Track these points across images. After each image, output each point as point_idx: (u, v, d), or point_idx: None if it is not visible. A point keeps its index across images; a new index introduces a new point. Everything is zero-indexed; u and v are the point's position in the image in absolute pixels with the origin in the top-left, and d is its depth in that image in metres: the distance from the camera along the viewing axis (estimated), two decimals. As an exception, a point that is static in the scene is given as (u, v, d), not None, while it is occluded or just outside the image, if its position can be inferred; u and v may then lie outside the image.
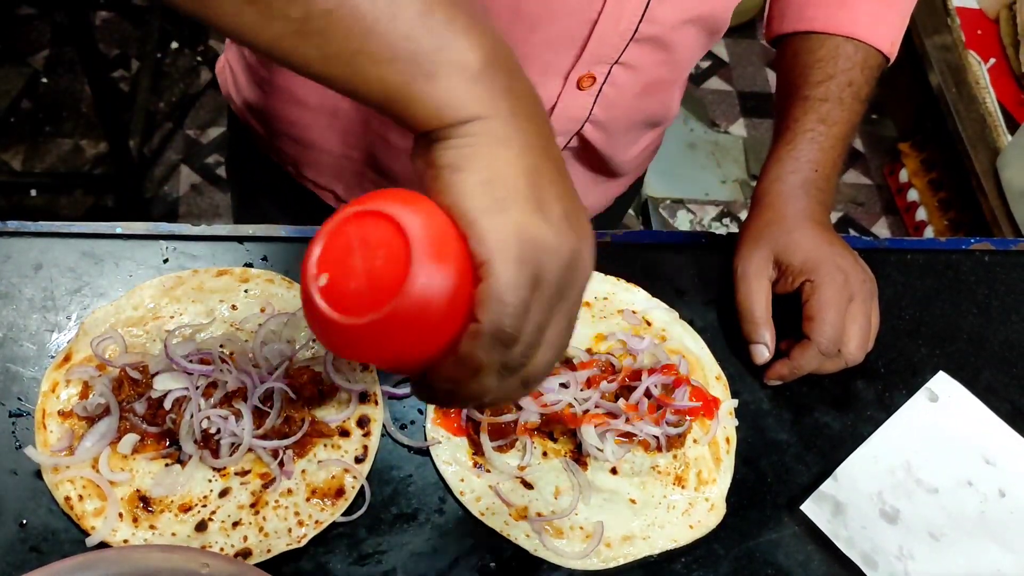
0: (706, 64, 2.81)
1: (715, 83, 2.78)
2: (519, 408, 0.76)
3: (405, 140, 0.91)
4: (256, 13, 0.47)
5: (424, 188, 0.47)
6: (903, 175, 2.54)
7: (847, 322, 0.81)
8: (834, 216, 2.57)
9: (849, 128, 0.90)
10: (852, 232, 2.53)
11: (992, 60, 2.25)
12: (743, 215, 0.90)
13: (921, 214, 2.44)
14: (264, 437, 0.73)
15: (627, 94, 0.88)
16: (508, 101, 0.47)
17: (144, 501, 0.71)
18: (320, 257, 0.45)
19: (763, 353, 0.83)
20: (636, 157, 1.05)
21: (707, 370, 0.84)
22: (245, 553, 0.69)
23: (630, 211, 2.47)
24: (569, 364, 0.81)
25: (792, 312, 0.83)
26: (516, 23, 0.78)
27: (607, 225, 1.16)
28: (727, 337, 0.87)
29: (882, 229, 2.57)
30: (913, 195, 2.48)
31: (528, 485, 0.76)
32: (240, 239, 0.86)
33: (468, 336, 0.45)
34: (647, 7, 0.78)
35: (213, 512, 0.71)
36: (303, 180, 1.02)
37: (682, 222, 2.44)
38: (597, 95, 0.86)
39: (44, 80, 2.49)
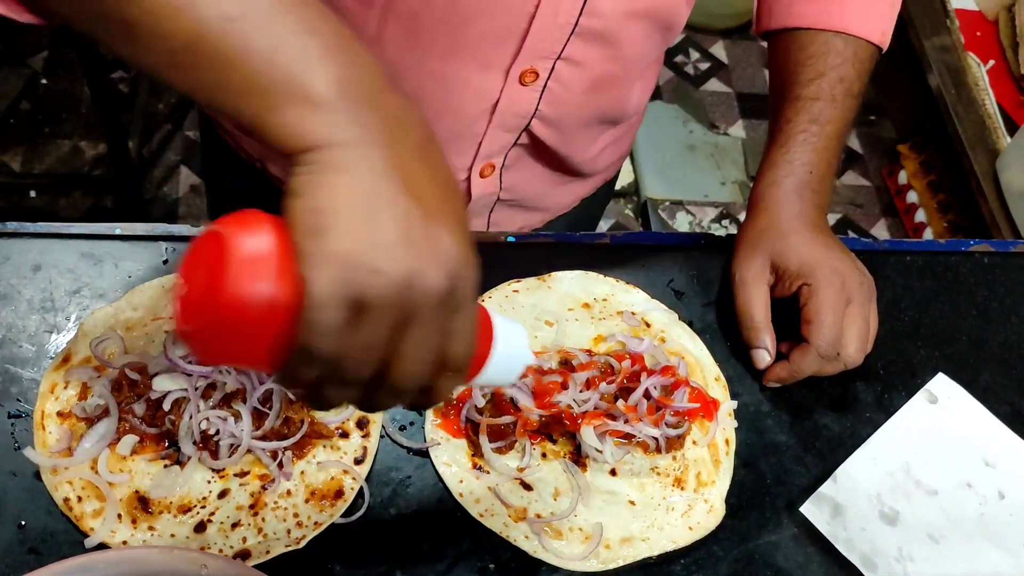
0: (705, 66, 2.81)
1: (714, 85, 2.78)
2: (517, 409, 0.76)
3: None
4: (131, 44, 0.50)
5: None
6: (902, 177, 2.54)
7: (845, 325, 0.81)
8: (833, 217, 2.57)
9: (842, 125, 0.89)
10: (851, 234, 2.53)
11: (991, 62, 2.25)
12: (742, 216, 0.90)
13: (920, 216, 2.44)
14: (263, 438, 0.73)
15: (574, 90, 0.87)
16: (353, 128, 0.48)
17: (143, 502, 0.71)
18: (182, 269, 0.49)
19: (764, 358, 0.83)
20: (597, 156, 1.03)
21: (706, 372, 0.84)
22: (244, 554, 0.69)
23: (629, 212, 2.48)
24: (568, 365, 0.81)
25: (791, 314, 0.83)
26: (452, 16, 0.78)
27: (579, 227, 1.15)
28: (726, 339, 0.87)
29: (881, 231, 2.57)
30: (912, 197, 2.48)
31: (527, 487, 0.76)
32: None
33: (288, 351, 0.47)
34: (585, 1, 0.77)
35: (212, 513, 0.71)
36: (270, 176, 1.02)
37: (681, 223, 2.44)
38: (542, 91, 0.85)
39: (44, 81, 2.49)
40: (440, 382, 0.52)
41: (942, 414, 0.84)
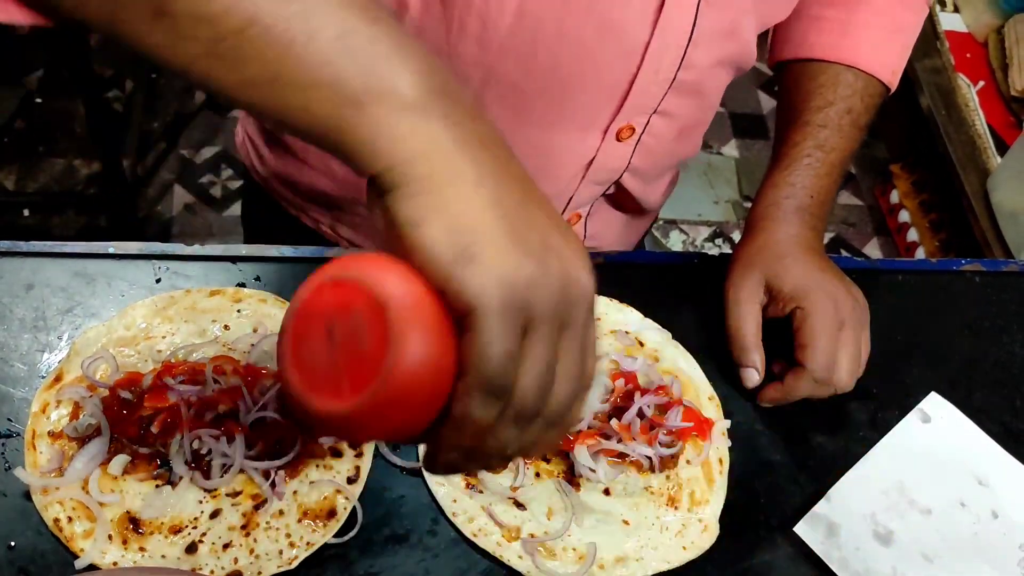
0: (698, 86, 2.83)
1: (707, 105, 2.79)
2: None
3: None
4: (164, 32, 0.43)
5: (390, 246, 0.43)
6: (894, 196, 2.55)
7: (838, 350, 0.81)
8: (826, 236, 2.57)
9: (846, 155, 0.90)
10: (844, 253, 2.54)
11: (981, 83, 2.27)
12: (736, 236, 0.91)
13: (912, 235, 2.45)
14: (256, 458, 0.72)
15: (664, 140, 0.88)
16: (451, 130, 0.43)
17: (134, 523, 0.70)
18: (292, 338, 0.41)
19: (753, 377, 0.83)
20: (664, 193, 1.06)
21: (700, 391, 0.84)
22: (236, 575, 0.69)
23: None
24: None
25: (784, 333, 0.83)
26: (554, 82, 0.78)
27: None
28: (720, 358, 0.87)
29: (874, 250, 2.58)
30: (904, 216, 2.50)
31: (521, 506, 0.75)
32: (233, 259, 0.86)
33: (458, 397, 0.42)
34: (684, 55, 0.78)
35: (204, 534, 0.70)
36: (339, 240, 1.01)
37: (675, 242, 2.44)
38: (635, 144, 0.86)
39: (38, 100, 2.49)
40: (575, 406, 0.46)
41: (935, 433, 0.84)
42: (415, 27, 0.74)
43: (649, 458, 0.77)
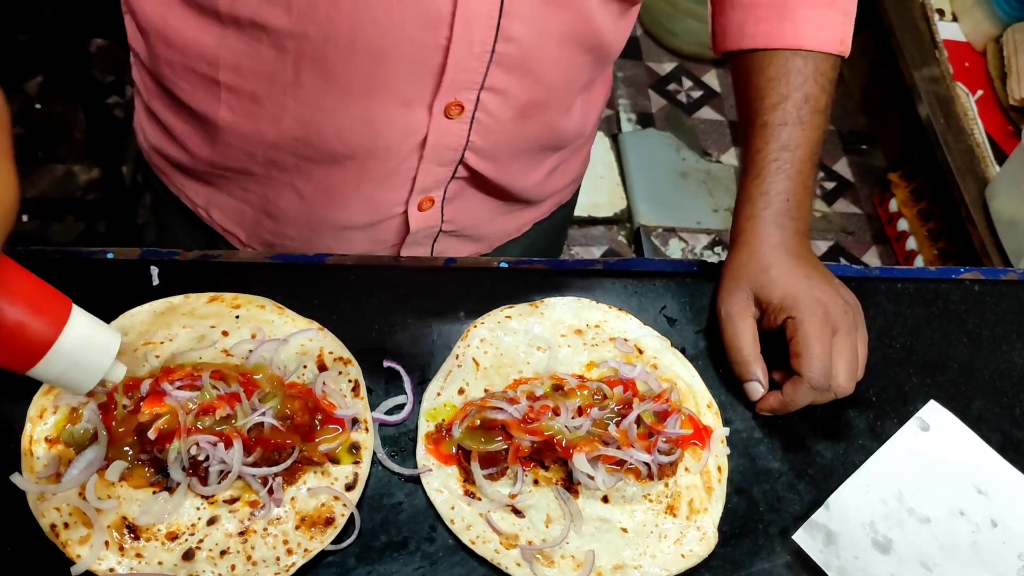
0: (697, 94, 2.84)
1: (707, 113, 2.80)
2: (509, 436, 0.76)
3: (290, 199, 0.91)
4: None
5: None
6: (893, 205, 2.55)
7: (834, 355, 0.81)
8: (824, 244, 2.58)
9: (814, 144, 0.89)
10: (843, 261, 2.54)
11: (979, 92, 2.27)
12: (735, 243, 0.90)
13: (911, 243, 2.45)
14: (254, 464, 0.72)
15: (502, 119, 0.86)
16: None
17: (131, 529, 0.70)
18: None
19: (757, 390, 0.83)
20: (544, 182, 1.02)
21: (699, 398, 0.84)
22: (232, 582, 0.68)
23: (621, 239, 2.48)
24: (561, 391, 0.80)
25: (781, 341, 0.83)
26: (360, 56, 0.77)
27: (542, 252, 1.15)
28: (719, 365, 0.87)
29: (872, 258, 2.58)
30: (903, 224, 2.50)
31: (519, 513, 0.75)
32: (231, 265, 0.86)
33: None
34: (499, 26, 0.76)
35: (201, 540, 0.70)
36: (213, 224, 1.01)
37: (674, 250, 2.45)
38: (471, 123, 0.85)
39: (38, 106, 2.49)
40: None
41: (934, 442, 0.84)
42: (226, 1, 0.76)
43: (648, 465, 0.77)
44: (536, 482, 0.77)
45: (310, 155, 0.87)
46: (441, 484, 0.76)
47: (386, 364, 0.82)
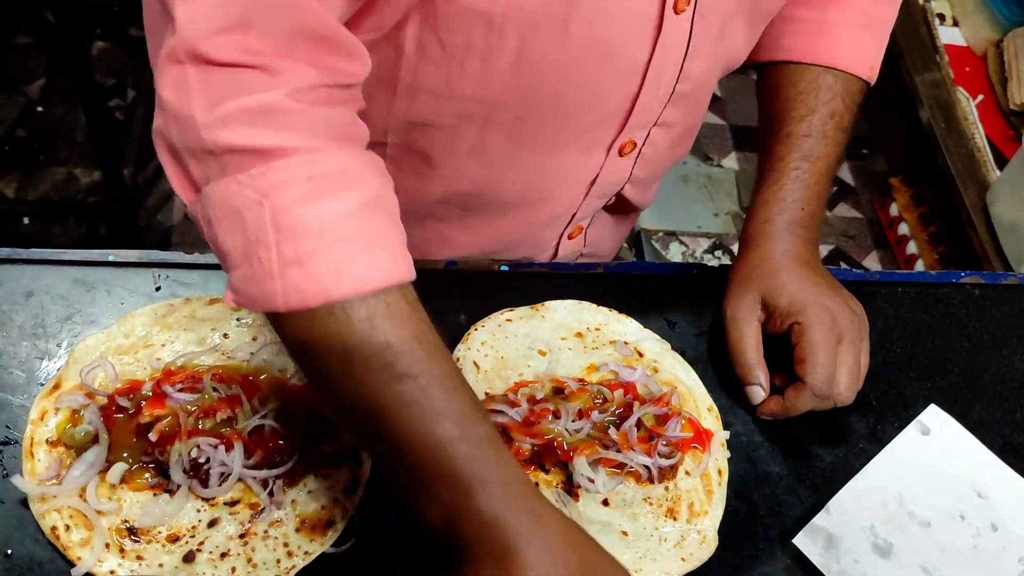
0: (698, 98, 2.84)
1: (708, 117, 2.77)
2: (510, 439, 0.76)
3: None
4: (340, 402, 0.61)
5: None
6: (893, 209, 2.55)
7: (837, 363, 0.81)
8: (825, 249, 2.58)
9: (833, 161, 0.90)
10: (843, 265, 2.54)
11: (980, 96, 2.27)
12: (735, 247, 0.90)
13: (912, 248, 2.45)
14: (254, 467, 0.72)
15: (661, 149, 0.89)
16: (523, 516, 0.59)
17: (131, 531, 0.70)
18: None
19: (759, 393, 0.83)
20: (655, 190, 1.06)
21: (699, 401, 0.84)
22: (233, 584, 0.68)
23: (623, 243, 2.49)
24: (561, 394, 0.80)
25: (784, 347, 0.83)
26: (558, 111, 0.78)
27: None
28: (719, 369, 0.87)
29: (873, 262, 2.58)
30: (904, 229, 2.50)
31: (519, 517, 0.75)
32: (233, 268, 0.86)
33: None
34: (682, 68, 0.78)
35: (201, 543, 0.70)
36: None
37: (675, 254, 2.45)
38: (636, 158, 0.87)
39: (39, 109, 2.49)
40: None
41: (934, 445, 0.84)
42: (411, 70, 0.74)
43: (648, 469, 0.77)
44: (536, 485, 0.77)
45: (476, 207, 0.88)
46: (441, 487, 0.76)
47: (387, 367, 0.82)
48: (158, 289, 0.83)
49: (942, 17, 2.45)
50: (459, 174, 0.84)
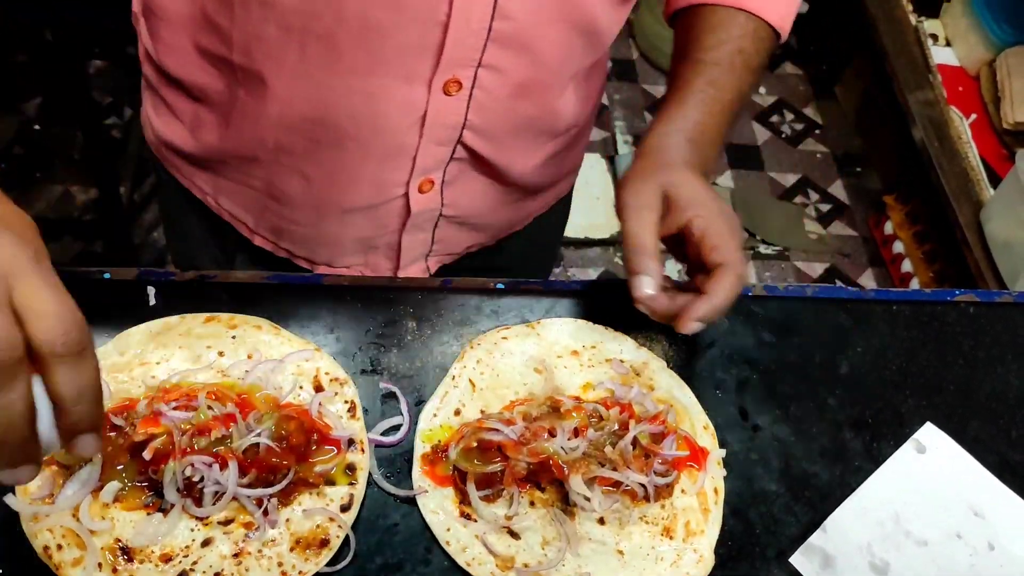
0: (693, 117, 2.85)
1: (702, 135, 2.81)
2: (506, 457, 0.76)
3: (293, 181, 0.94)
4: None
5: None
6: (888, 227, 2.56)
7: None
8: (820, 267, 2.59)
9: (737, 96, 0.91)
10: (838, 283, 2.54)
11: (973, 116, 2.29)
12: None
13: (907, 266, 2.46)
14: (249, 485, 0.72)
15: (499, 96, 0.88)
16: None
17: (124, 551, 0.69)
18: None
19: (647, 284, 0.80)
20: (539, 170, 1.03)
21: (695, 419, 0.84)
22: (226, 604, 0.68)
23: (618, 260, 2.49)
24: (557, 413, 0.80)
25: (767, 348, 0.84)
26: (366, 32, 0.80)
27: (542, 249, 1.17)
28: (715, 387, 0.87)
29: (868, 280, 2.59)
30: (898, 247, 2.51)
31: (515, 535, 0.75)
32: (228, 286, 0.86)
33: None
34: (496, 3, 0.79)
35: (195, 562, 0.70)
36: (222, 212, 1.04)
37: (670, 271, 2.45)
38: (468, 100, 0.87)
39: (36, 127, 2.50)
40: None
41: (931, 464, 0.84)
42: None
43: (644, 487, 0.77)
44: (532, 504, 0.77)
45: (316, 136, 0.89)
46: (437, 505, 0.75)
47: (382, 386, 0.82)
48: (153, 307, 0.83)
49: (935, 37, 2.47)
50: (290, 94, 0.86)
